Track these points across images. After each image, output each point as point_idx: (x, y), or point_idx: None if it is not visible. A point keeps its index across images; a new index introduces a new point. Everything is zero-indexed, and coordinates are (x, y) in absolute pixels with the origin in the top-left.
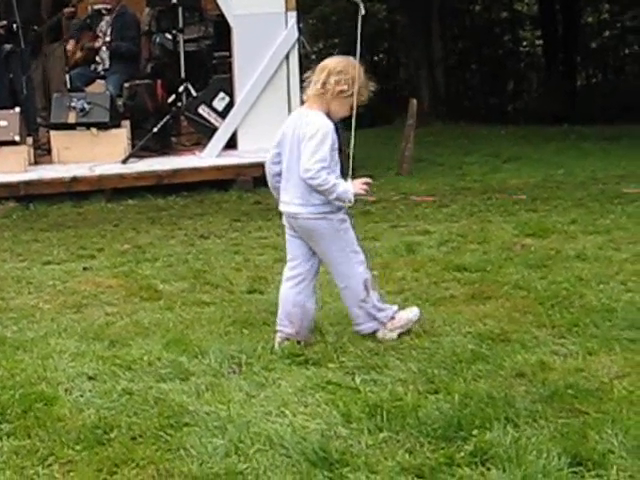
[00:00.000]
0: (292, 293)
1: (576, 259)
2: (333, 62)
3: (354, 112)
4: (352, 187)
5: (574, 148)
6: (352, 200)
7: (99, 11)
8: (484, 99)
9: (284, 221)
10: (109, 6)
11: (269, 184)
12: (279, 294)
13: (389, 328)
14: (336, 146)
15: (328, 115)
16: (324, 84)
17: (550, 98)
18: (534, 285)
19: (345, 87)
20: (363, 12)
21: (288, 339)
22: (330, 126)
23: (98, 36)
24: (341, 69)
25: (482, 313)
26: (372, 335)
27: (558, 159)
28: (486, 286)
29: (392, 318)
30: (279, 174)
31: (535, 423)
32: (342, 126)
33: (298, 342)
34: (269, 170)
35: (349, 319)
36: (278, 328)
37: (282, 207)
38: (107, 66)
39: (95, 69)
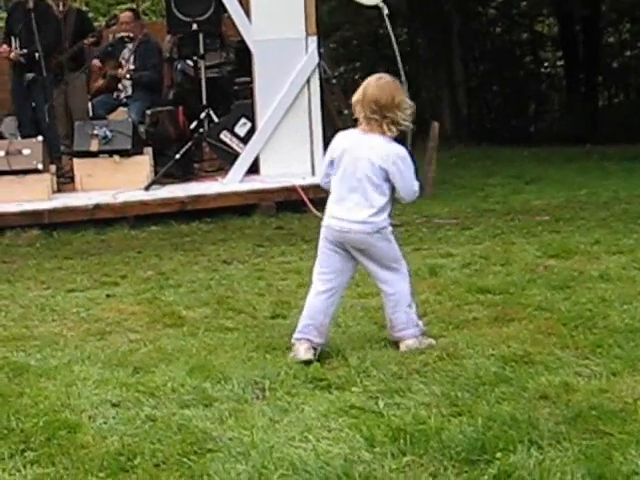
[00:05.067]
0: (325, 305)
1: (599, 280)
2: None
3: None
4: None
5: (597, 168)
6: None
7: (122, 39)
8: (506, 120)
9: (326, 234)
10: (132, 34)
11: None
12: (308, 305)
13: (423, 339)
14: None
15: None
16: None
17: (572, 119)
18: (557, 306)
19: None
20: (386, 11)
21: (315, 348)
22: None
23: (121, 64)
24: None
25: (505, 335)
26: (395, 357)
27: (581, 179)
28: (509, 308)
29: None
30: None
31: (559, 445)
32: None
33: (318, 360)
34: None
35: (367, 341)
36: (305, 337)
37: (333, 222)
38: (129, 93)
39: (117, 97)
